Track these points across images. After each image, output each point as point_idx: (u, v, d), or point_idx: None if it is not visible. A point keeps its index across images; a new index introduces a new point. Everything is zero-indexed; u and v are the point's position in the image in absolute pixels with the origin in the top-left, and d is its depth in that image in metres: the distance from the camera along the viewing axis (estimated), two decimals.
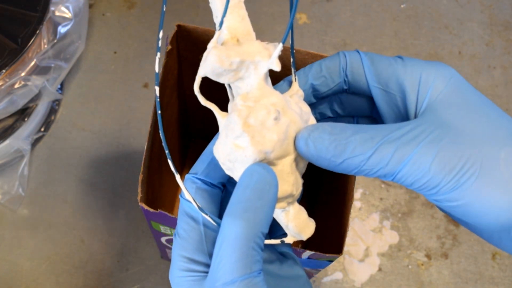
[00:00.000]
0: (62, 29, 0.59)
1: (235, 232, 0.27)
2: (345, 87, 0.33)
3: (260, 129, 0.29)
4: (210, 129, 0.61)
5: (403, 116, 0.31)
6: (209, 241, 0.31)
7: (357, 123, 0.36)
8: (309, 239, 0.61)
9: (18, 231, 0.61)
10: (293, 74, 0.33)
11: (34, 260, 0.60)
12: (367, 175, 0.29)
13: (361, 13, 0.73)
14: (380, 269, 0.62)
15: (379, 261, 0.62)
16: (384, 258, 0.62)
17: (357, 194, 0.64)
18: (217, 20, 0.30)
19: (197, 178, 0.33)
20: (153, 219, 0.43)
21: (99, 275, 0.60)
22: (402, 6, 0.74)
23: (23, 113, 0.61)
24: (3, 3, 0.56)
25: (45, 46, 0.57)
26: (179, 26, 0.43)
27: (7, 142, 0.60)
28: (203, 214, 0.31)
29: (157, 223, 0.43)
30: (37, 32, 0.55)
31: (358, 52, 0.32)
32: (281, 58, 0.45)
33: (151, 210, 0.39)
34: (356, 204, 0.64)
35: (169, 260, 0.59)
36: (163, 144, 0.31)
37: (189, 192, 0.32)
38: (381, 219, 0.64)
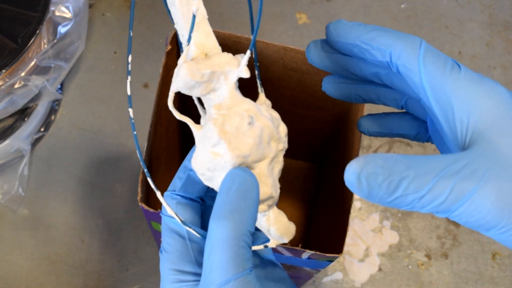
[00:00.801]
0: (62, 29, 0.59)
1: (224, 233, 0.27)
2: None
3: (236, 134, 0.30)
4: None
5: (453, 128, 0.29)
6: (195, 251, 0.32)
7: (406, 104, 0.35)
8: (309, 239, 0.61)
9: (18, 231, 0.61)
10: (259, 86, 0.35)
11: (34, 260, 0.60)
12: (420, 211, 0.27)
13: (361, 13, 0.73)
14: (380, 269, 0.62)
15: (379, 261, 0.62)
16: (384, 258, 0.62)
17: None
18: (183, 38, 0.32)
19: (176, 194, 0.33)
20: (153, 219, 0.43)
21: (99, 275, 0.60)
22: (402, 6, 0.74)
23: (23, 113, 0.61)
24: (3, 3, 0.56)
25: (45, 46, 0.57)
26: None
27: (7, 142, 0.60)
28: (187, 228, 0.32)
29: (157, 223, 0.43)
30: (37, 32, 0.55)
31: (419, 40, 0.30)
32: (280, 58, 0.45)
33: (151, 210, 0.39)
34: (356, 204, 0.64)
35: None
36: (141, 163, 0.33)
37: (170, 207, 0.33)
38: (381, 219, 0.64)
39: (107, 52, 0.69)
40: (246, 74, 0.31)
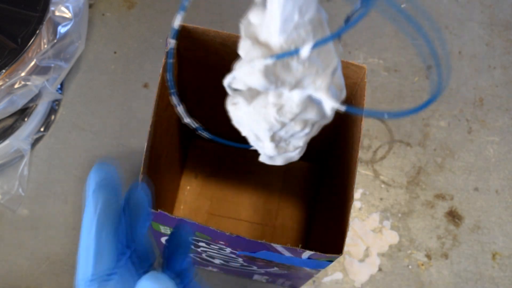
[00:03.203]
0: (62, 29, 0.59)
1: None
2: None
3: (288, 138, 0.27)
4: (210, 129, 0.61)
5: None
6: None
7: None
8: (309, 239, 0.61)
9: (18, 231, 0.61)
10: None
11: (34, 260, 0.60)
12: None
13: None
14: (380, 269, 0.62)
15: (379, 261, 0.62)
16: (384, 258, 0.62)
17: (357, 194, 0.64)
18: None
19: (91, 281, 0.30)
20: (153, 219, 0.43)
21: None
22: (402, 6, 0.74)
23: (23, 113, 0.61)
24: (3, 3, 0.56)
25: (45, 46, 0.57)
26: (179, 26, 0.42)
27: (7, 142, 0.60)
28: None
29: (157, 223, 0.43)
30: (37, 32, 0.55)
31: None
32: None
33: (151, 210, 0.39)
34: (356, 204, 0.64)
35: None
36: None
37: None
38: (381, 219, 0.64)
39: (107, 52, 0.69)
40: (329, 112, 0.26)
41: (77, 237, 0.61)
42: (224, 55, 0.45)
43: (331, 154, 0.57)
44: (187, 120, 0.29)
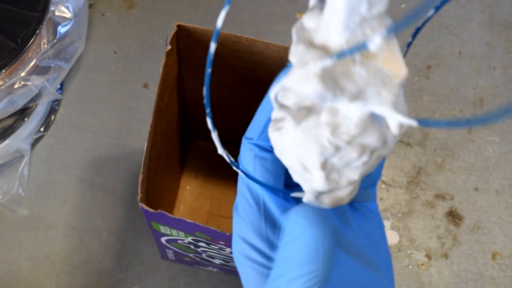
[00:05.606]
0: (62, 29, 0.59)
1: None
2: None
3: (341, 167, 0.23)
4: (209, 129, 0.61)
5: None
6: (268, 225, 0.28)
7: None
8: None
9: (18, 231, 0.61)
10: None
11: (34, 260, 0.60)
12: None
13: None
14: None
15: None
16: None
17: None
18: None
19: (254, 144, 0.27)
20: (153, 219, 0.43)
21: (99, 275, 0.60)
22: (402, 6, 0.74)
23: (23, 113, 0.61)
24: (3, 3, 0.56)
25: (45, 46, 0.57)
26: (179, 26, 0.43)
27: (7, 142, 0.60)
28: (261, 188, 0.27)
29: (157, 223, 0.43)
30: (37, 32, 0.55)
31: None
32: (280, 58, 0.45)
33: (151, 210, 0.39)
34: None
35: (169, 260, 0.59)
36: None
37: (247, 159, 0.27)
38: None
39: (107, 52, 0.69)
40: (395, 130, 0.22)
41: (77, 237, 0.61)
42: (224, 55, 0.45)
43: None
44: (221, 151, 0.26)
